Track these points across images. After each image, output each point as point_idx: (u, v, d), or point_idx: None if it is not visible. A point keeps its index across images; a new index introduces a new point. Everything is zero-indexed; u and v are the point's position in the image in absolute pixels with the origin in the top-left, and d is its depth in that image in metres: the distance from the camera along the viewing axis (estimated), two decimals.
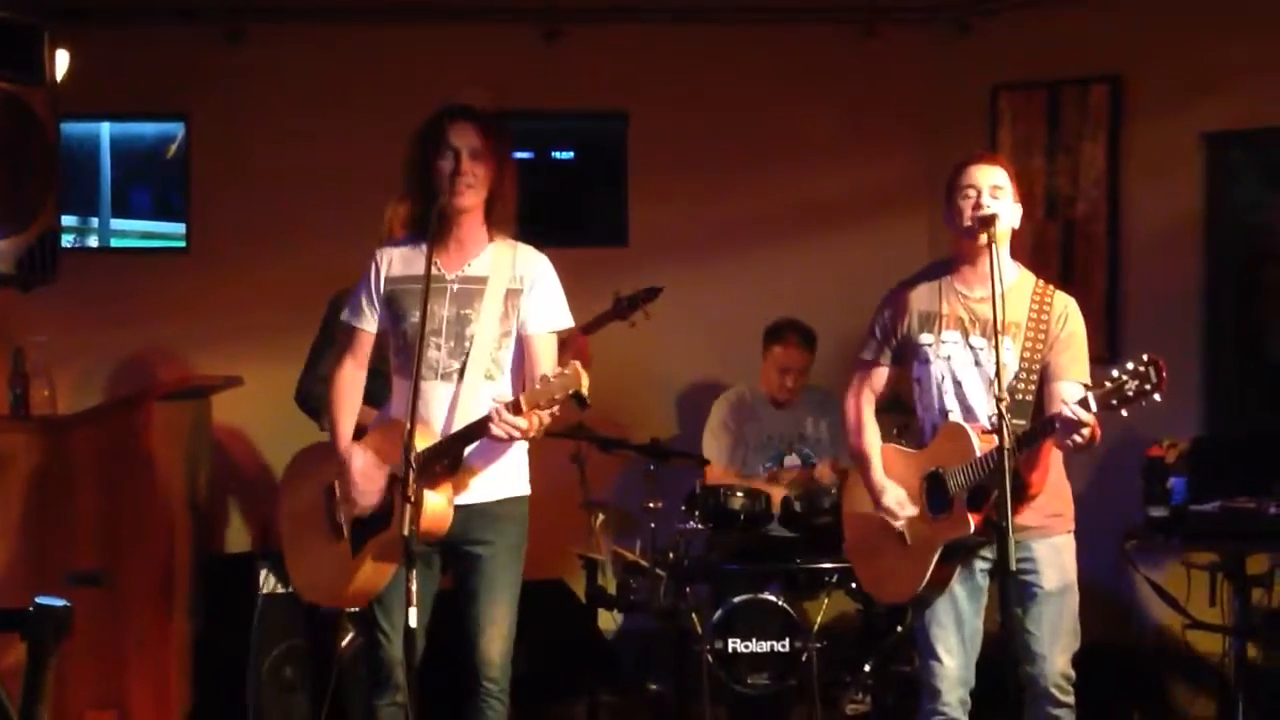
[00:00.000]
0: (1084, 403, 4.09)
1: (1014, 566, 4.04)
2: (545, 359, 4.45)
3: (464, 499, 4.42)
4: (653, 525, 6.29)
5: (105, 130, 7.47)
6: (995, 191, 4.47)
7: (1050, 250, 7.28)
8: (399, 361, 4.48)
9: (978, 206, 4.44)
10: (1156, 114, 7.03)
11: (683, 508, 6.34)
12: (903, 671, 6.16)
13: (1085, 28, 7.15)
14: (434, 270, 4.35)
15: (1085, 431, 4.13)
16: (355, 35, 7.43)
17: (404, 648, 4.15)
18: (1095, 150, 7.18)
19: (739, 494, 6.29)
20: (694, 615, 6.22)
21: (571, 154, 7.81)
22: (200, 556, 6.41)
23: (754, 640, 6.09)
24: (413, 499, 4.01)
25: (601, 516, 6.61)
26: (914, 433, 4.77)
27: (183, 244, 7.50)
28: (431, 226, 4.34)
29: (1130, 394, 4.02)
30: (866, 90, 7.58)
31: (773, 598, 6.13)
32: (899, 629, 6.07)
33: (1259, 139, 6.88)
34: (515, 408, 4.15)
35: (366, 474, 4.39)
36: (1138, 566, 5.86)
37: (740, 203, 7.55)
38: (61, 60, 5.91)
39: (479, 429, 4.25)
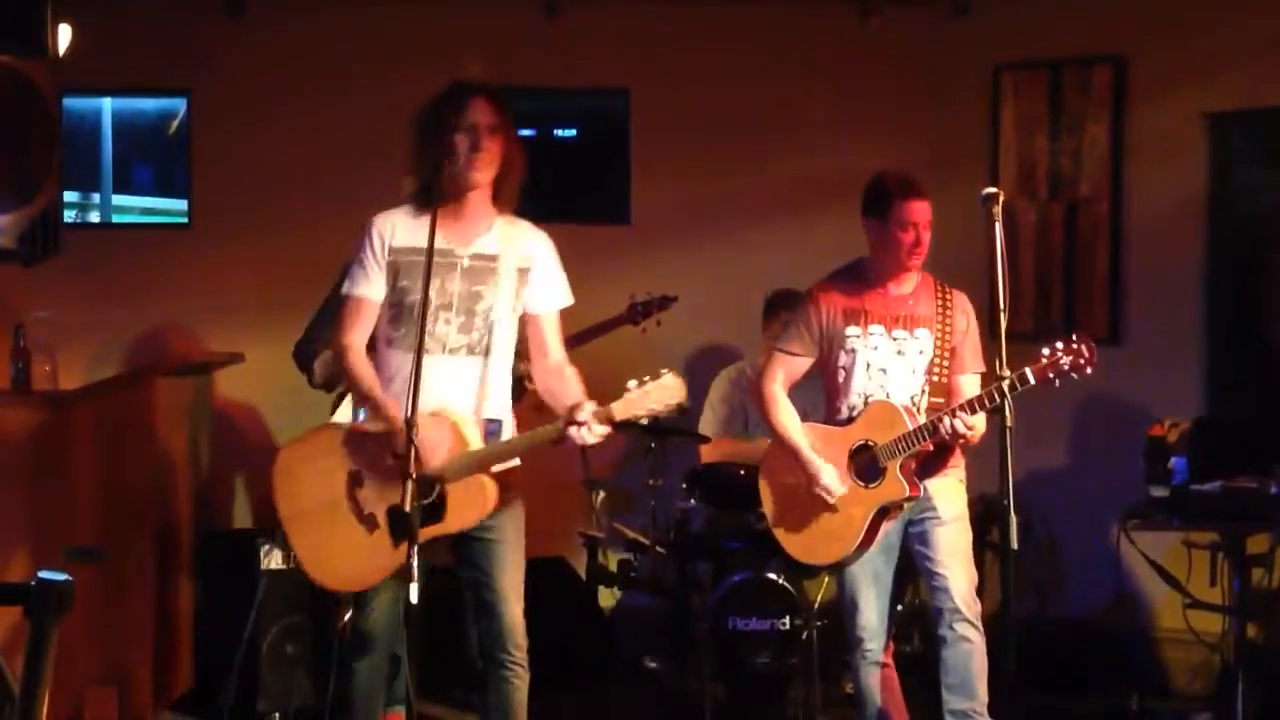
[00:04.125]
0: (1022, 378, 4.51)
1: (1015, 545, 4.11)
2: (554, 337, 4.52)
3: None
4: (653, 503, 6.29)
5: (107, 105, 7.46)
6: (928, 225, 4.94)
7: (1053, 230, 7.28)
8: (393, 333, 4.43)
9: (918, 243, 4.93)
10: (1159, 94, 7.03)
11: (683, 485, 6.34)
12: (901, 651, 6.16)
13: (1087, 7, 7.14)
14: (443, 244, 4.33)
15: (973, 436, 4.73)
16: (357, 11, 7.41)
17: (405, 622, 4.15)
18: (1098, 130, 7.17)
19: (740, 472, 6.29)
20: (694, 593, 6.23)
21: (574, 131, 7.80)
22: (201, 532, 6.42)
23: (754, 618, 6.09)
24: (414, 475, 3.99)
25: (602, 494, 6.62)
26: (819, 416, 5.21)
27: (184, 220, 7.50)
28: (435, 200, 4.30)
29: (1066, 368, 4.52)
30: (868, 69, 7.57)
31: (773, 576, 6.13)
32: (899, 608, 6.07)
33: (1262, 119, 6.87)
34: (605, 416, 4.18)
35: (433, 438, 4.23)
36: (1138, 546, 5.86)
37: (742, 179, 7.54)
38: (64, 34, 5.89)
39: (559, 435, 4.24)
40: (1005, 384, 4.43)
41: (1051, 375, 4.54)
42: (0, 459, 5.68)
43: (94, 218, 7.52)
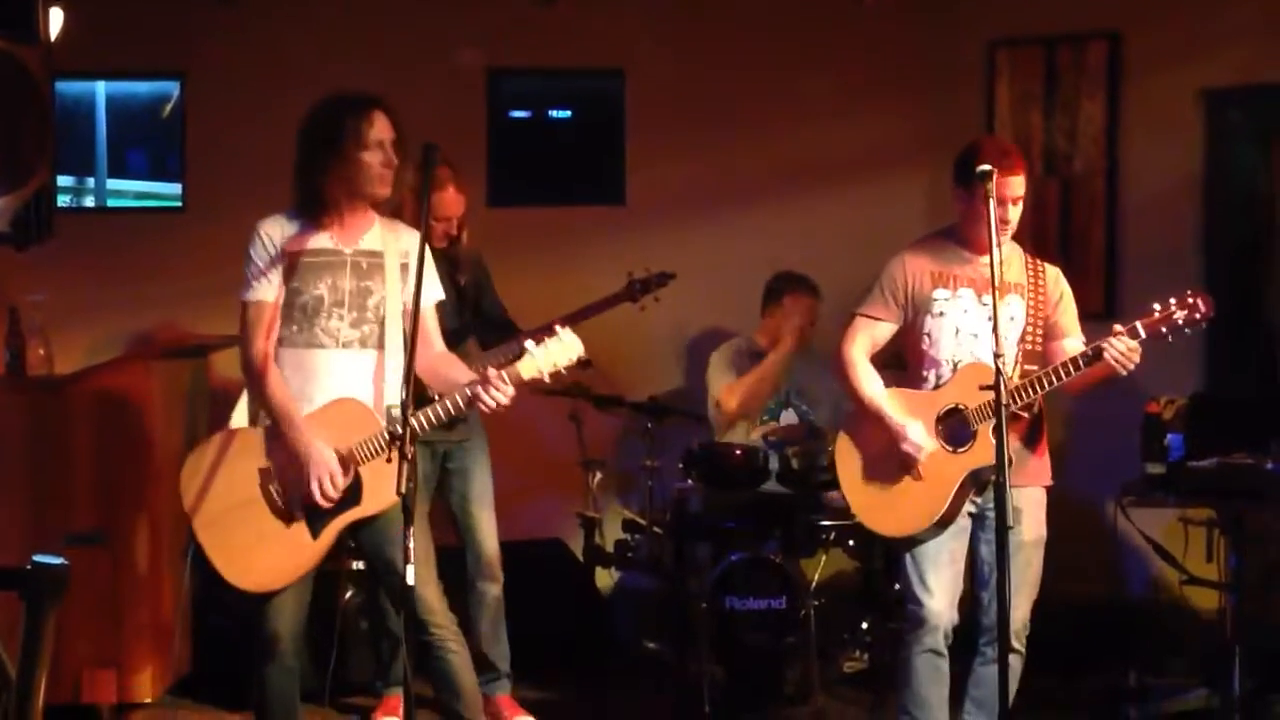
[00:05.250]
0: (1133, 332, 4.51)
1: (1011, 523, 4.11)
2: (435, 329, 4.66)
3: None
4: (650, 483, 6.29)
5: (101, 89, 7.44)
6: (1018, 201, 4.75)
7: (1049, 207, 7.28)
8: (284, 332, 4.55)
9: (1004, 220, 4.68)
10: (1155, 71, 7.03)
11: (680, 465, 6.34)
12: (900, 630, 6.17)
13: None
14: (330, 244, 4.56)
15: (1136, 358, 4.52)
16: None
17: (403, 603, 4.16)
18: (1093, 107, 7.17)
19: (736, 451, 6.30)
20: (692, 573, 6.23)
21: (569, 113, 7.78)
22: None
23: (751, 598, 6.09)
24: (409, 457, 4.00)
25: (599, 475, 6.62)
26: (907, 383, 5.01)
27: (179, 204, 7.49)
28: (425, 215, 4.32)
29: (1180, 322, 4.50)
30: (864, 47, 7.56)
31: (770, 555, 6.14)
32: (897, 586, 6.07)
33: (1258, 96, 6.87)
34: (513, 377, 4.30)
35: (337, 464, 4.42)
36: (1135, 523, 5.86)
37: (738, 160, 7.53)
38: (55, 18, 5.87)
39: (467, 402, 4.36)
40: (1114, 337, 4.49)
41: (1165, 330, 4.52)
42: None
43: (89, 202, 7.51)
